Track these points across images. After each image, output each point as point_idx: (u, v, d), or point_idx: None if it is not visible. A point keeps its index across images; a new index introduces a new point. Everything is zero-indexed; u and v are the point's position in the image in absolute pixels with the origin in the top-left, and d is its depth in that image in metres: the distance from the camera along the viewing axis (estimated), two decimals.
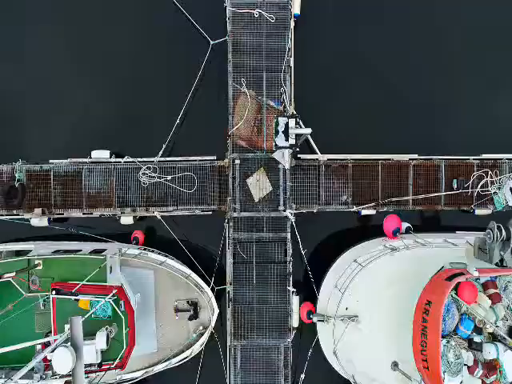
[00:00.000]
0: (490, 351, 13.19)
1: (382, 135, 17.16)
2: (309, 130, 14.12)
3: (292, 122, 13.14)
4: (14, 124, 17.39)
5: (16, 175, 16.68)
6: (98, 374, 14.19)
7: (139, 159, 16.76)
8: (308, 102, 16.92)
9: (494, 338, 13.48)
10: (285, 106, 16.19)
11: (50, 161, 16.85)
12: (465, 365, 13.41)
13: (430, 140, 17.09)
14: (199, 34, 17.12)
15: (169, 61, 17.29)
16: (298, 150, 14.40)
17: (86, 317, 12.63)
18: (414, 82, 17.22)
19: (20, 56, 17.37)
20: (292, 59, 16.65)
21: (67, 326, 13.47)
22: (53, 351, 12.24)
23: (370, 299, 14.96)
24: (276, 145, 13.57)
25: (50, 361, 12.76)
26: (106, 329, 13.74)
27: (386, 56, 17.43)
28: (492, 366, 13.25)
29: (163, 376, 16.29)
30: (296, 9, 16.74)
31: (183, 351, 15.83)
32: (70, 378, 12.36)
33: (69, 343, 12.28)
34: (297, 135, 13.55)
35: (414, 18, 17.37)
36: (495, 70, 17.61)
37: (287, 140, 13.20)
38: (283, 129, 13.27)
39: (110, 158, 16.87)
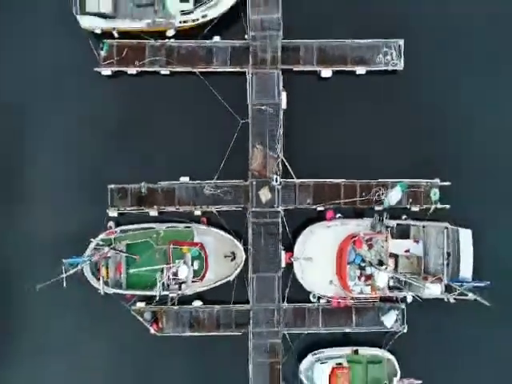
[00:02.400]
0: (368, 270, 29.82)
1: (327, 169, 33.42)
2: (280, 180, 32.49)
3: (278, 179, 31.68)
4: (132, 161, 33.67)
5: (142, 190, 32.91)
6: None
7: (204, 181, 33.02)
8: (291, 151, 33.19)
9: (371, 264, 30.02)
10: (278, 156, 32.59)
11: (158, 182, 33.08)
12: (357, 276, 30.06)
13: (353, 171, 33.37)
14: (232, 115, 33.22)
15: (214, 134, 33.36)
16: (280, 183, 31.69)
17: (191, 253, 29.23)
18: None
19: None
20: (281, 130, 32.89)
21: (177, 261, 30.07)
22: (178, 267, 28.89)
23: (317, 249, 31.57)
24: (272, 186, 31.82)
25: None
26: (197, 260, 30.29)
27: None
28: (369, 276, 29.96)
29: (217, 291, 32.50)
30: (283, 105, 32.99)
31: (227, 277, 32.27)
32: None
33: (184, 264, 28.95)
34: (280, 181, 31.89)
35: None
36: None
37: (276, 182, 31.48)
38: (275, 178, 30.85)
39: (189, 180, 33.16)
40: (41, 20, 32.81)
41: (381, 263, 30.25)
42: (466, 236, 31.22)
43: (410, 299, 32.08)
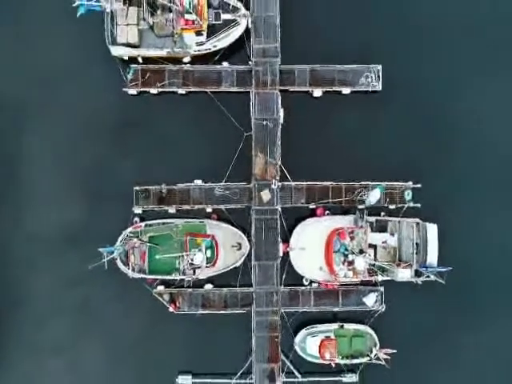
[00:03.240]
0: (350, 257, 36.16)
1: (318, 174, 39.63)
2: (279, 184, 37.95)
3: (276, 183, 37.57)
4: (159, 167, 39.97)
5: (162, 191, 39.14)
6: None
7: (215, 184, 39.26)
8: (288, 158, 39.39)
9: (353, 252, 36.35)
10: (276, 163, 38.84)
11: (177, 184, 39.32)
12: (342, 262, 36.38)
13: (339, 175, 39.61)
14: (238, 128, 39.41)
15: (223, 144, 39.50)
16: (278, 186, 37.70)
17: (204, 243, 35.56)
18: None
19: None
20: (280, 141, 39.14)
21: (192, 250, 36.38)
22: (195, 254, 35.23)
23: (309, 241, 37.91)
24: (272, 188, 37.59)
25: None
26: (209, 249, 36.58)
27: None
28: (351, 262, 36.25)
29: (225, 275, 38.73)
30: (281, 120, 39.23)
31: (234, 264, 38.53)
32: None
33: (200, 252, 35.29)
34: (278, 184, 37.74)
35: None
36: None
37: (275, 186, 37.39)
38: (274, 183, 37.05)
39: (202, 183, 39.38)
40: (79, 50, 39.13)
41: (361, 252, 36.57)
42: (432, 230, 37.19)
43: (381, 278, 38.13)
